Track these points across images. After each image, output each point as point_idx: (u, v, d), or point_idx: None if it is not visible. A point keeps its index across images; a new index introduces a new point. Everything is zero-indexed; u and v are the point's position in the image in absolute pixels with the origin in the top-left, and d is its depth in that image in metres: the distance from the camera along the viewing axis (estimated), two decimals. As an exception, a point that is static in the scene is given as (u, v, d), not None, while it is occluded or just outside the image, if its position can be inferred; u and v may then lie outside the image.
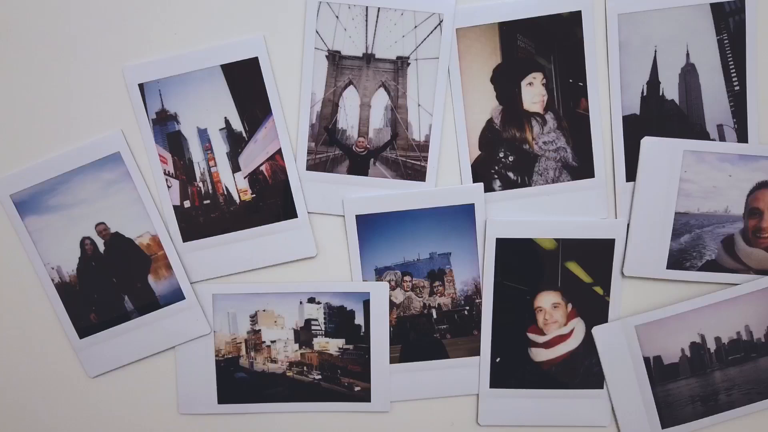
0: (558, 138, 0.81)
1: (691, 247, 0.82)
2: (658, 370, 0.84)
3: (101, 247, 0.82)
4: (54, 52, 0.79)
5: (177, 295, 0.83)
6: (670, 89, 0.80)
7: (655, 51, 0.79)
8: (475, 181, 0.82)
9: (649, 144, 0.80)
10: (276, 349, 0.86)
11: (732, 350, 0.84)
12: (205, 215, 0.82)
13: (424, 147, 0.81)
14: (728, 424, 0.86)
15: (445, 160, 0.82)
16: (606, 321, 0.84)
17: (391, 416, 0.87)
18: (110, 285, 0.83)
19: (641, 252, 0.82)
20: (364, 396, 0.86)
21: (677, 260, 0.82)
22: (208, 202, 0.82)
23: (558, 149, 0.81)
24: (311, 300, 0.85)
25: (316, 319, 0.85)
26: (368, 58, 0.79)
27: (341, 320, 0.85)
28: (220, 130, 0.80)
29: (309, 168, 0.81)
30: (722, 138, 0.80)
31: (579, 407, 0.86)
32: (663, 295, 0.84)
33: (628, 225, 0.82)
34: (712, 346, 0.84)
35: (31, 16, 0.78)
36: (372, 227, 0.82)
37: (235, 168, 0.81)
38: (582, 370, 0.86)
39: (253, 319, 0.85)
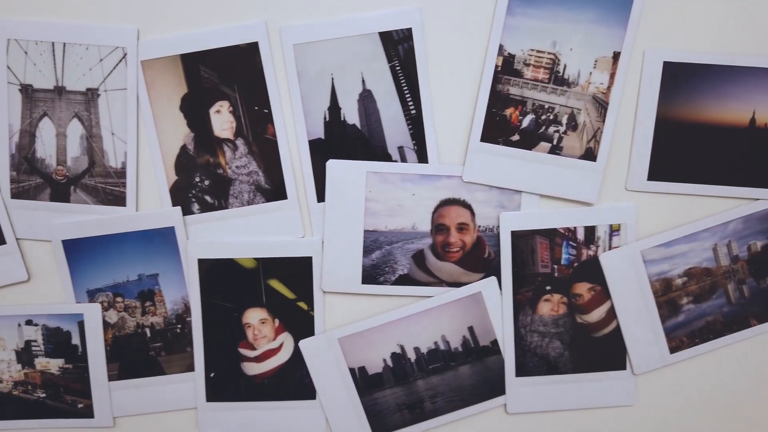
0: (250, 162, 0.85)
1: (383, 262, 0.86)
2: (363, 380, 0.89)
3: None
4: None
5: None
6: (351, 114, 0.84)
7: (332, 78, 0.83)
8: (174, 204, 0.85)
9: (333, 166, 0.84)
10: (0, 369, 0.89)
11: (432, 359, 0.89)
12: None
13: (121, 173, 0.84)
14: (436, 431, 0.90)
15: (144, 185, 0.85)
16: (313, 334, 0.88)
17: (116, 430, 0.91)
18: None
19: (337, 268, 0.86)
20: (88, 412, 0.90)
21: (371, 275, 0.86)
22: None
23: (250, 173, 0.85)
24: (29, 322, 0.88)
25: (36, 341, 0.89)
26: (59, 91, 0.83)
27: (59, 341, 0.88)
28: (-76, 161, 0.84)
29: (13, 196, 0.85)
30: (404, 159, 0.85)
31: (293, 418, 0.90)
32: (364, 308, 0.88)
33: (323, 243, 0.86)
34: (412, 356, 0.88)
35: None
36: (80, 251, 0.86)
37: (-58, 198, 0.85)
38: (294, 382, 0.89)
39: (-26, 341, 0.89)
